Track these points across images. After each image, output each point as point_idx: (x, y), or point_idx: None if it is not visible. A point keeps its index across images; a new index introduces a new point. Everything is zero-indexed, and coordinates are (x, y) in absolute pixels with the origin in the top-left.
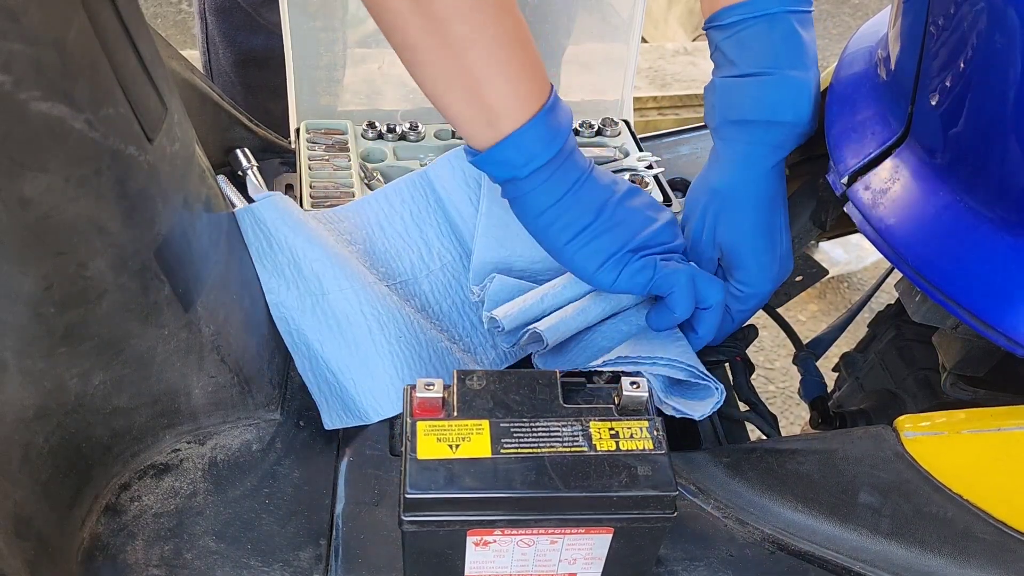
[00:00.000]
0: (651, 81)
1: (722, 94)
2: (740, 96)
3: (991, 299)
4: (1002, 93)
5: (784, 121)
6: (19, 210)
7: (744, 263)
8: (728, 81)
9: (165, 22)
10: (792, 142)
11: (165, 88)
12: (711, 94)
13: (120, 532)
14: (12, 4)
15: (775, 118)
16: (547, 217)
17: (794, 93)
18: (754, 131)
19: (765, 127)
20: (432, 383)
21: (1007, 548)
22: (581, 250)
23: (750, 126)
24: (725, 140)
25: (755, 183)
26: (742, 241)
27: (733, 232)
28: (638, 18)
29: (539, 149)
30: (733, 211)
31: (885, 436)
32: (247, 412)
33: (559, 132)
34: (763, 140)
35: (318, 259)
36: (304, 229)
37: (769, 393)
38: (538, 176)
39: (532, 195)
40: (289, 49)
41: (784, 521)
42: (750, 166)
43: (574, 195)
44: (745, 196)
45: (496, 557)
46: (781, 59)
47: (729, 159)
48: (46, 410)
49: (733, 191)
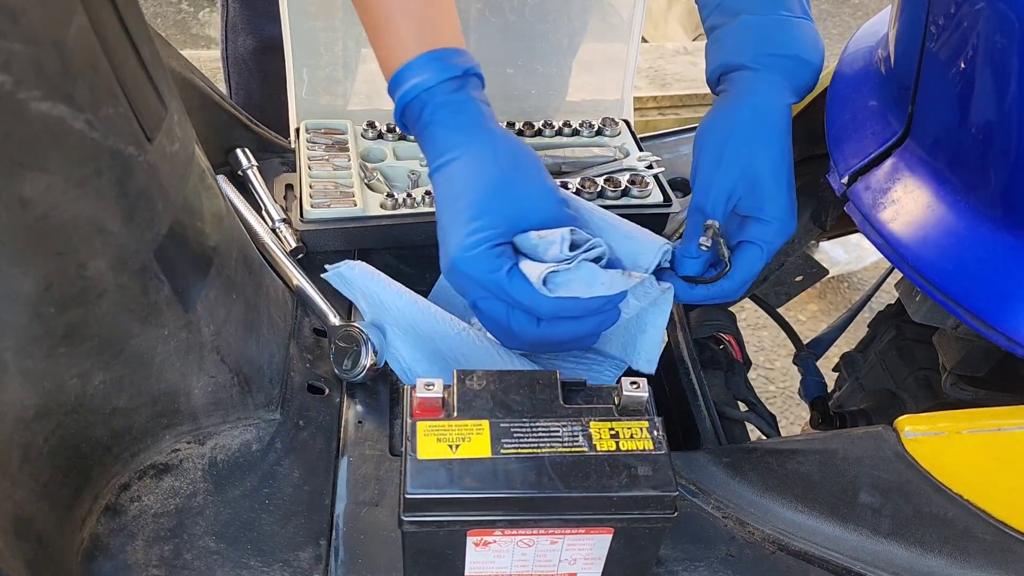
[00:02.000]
0: (651, 81)
1: (756, 29)
2: (778, 31)
3: (991, 299)
4: (1002, 93)
5: (812, 62)
6: (19, 210)
7: (770, 192)
8: (761, 19)
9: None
10: (806, 89)
11: (165, 88)
12: (741, 31)
13: (120, 532)
14: (12, 4)
15: (808, 57)
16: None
17: (819, 40)
18: (787, 66)
19: (798, 64)
20: (432, 383)
21: (1007, 548)
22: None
23: (784, 61)
24: (757, 76)
25: (781, 114)
26: (770, 169)
27: (761, 159)
28: (638, 18)
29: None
30: (769, 139)
31: (885, 436)
32: (247, 412)
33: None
34: (793, 76)
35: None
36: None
37: (769, 393)
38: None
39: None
40: (289, 49)
41: (784, 521)
42: (781, 97)
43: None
44: (778, 125)
45: (496, 557)
46: (804, 8)
47: (762, 91)
48: (46, 410)
49: (767, 120)
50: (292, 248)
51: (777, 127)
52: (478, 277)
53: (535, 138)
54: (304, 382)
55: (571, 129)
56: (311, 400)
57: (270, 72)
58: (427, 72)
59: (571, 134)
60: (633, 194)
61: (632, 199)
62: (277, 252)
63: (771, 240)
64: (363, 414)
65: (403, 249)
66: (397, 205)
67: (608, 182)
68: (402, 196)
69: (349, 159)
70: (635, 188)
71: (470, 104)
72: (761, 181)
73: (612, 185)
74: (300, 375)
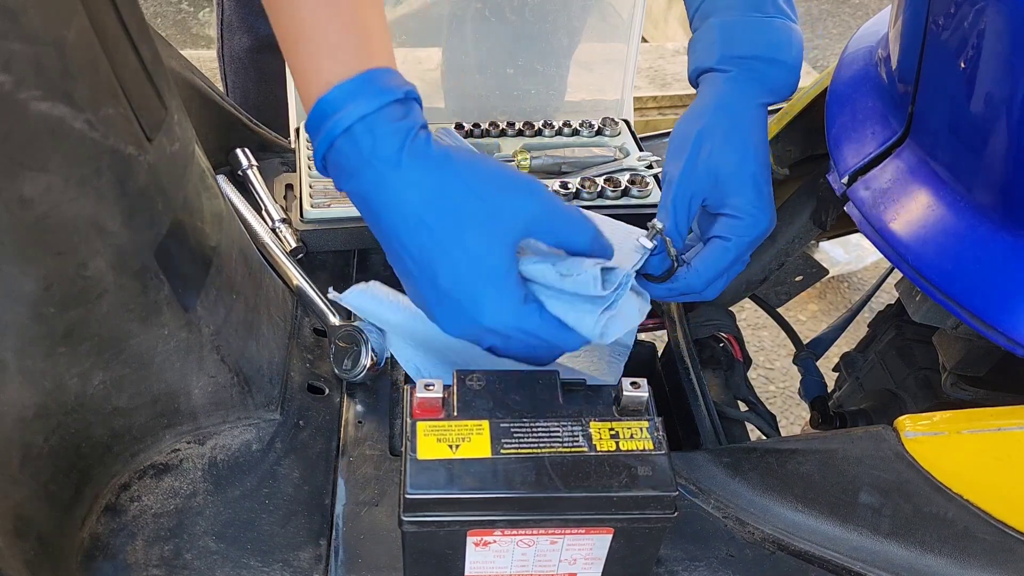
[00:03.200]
0: (651, 81)
1: (724, 31)
2: (746, 33)
3: (991, 299)
4: (1002, 93)
5: (784, 61)
6: (19, 210)
7: (734, 187)
8: (731, 20)
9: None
10: (783, 88)
11: (165, 88)
12: (710, 33)
13: (120, 532)
14: (12, 4)
15: (777, 56)
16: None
17: (794, 38)
18: (755, 66)
19: (767, 64)
20: (432, 383)
21: (1007, 548)
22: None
23: (752, 62)
24: (725, 76)
25: (752, 113)
26: (734, 165)
27: (724, 156)
28: (638, 18)
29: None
30: (732, 136)
31: (885, 436)
32: (247, 412)
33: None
34: (763, 76)
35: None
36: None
37: (769, 393)
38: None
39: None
40: None
41: (784, 521)
42: (748, 97)
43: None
44: (743, 123)
45: (496, 557)
46: (779, 7)
47: (728, 91)
48: (46, 410)
49: (732, 118)
50: (292, 248)
51: (741, 125)
52: (518, 326)
53: (535, 138)
54: (304, 382)
55: (571, 129)
56: (311, 400)
57: (267, 70)
58: (361, 97)
59: (571, 134)
60: (633, 194)
61: (632, 199)
62: (277, 252)
63: (740, 234)
64: (363, 414)
65: None
66: None
67: (608, 182)
68: None
69: None
70: (635, 188)
71: (422, 135)
72: (724, 177)
73: (612, 185)
74: (300, 375)
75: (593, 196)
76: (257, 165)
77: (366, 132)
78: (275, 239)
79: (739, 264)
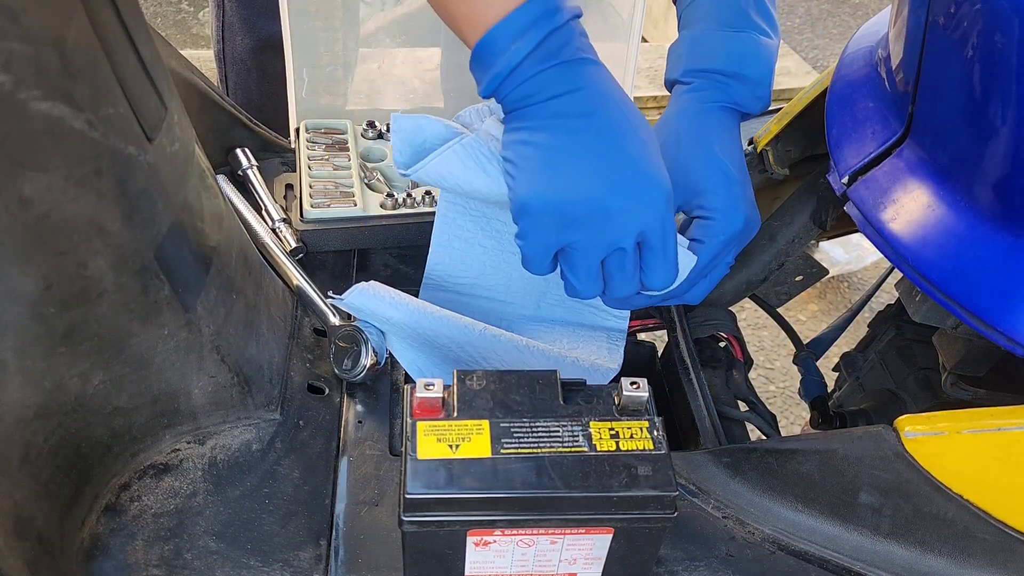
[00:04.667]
0: (651, 81)
1: (692, 45)
2: (710, 47)
3: (991, 299)
4: (1002, 93)
5: (748, 76)
6: (19, 210)
7: (712, 188)
8: (699, 34)
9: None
10: (748, 102)
11: (165, 88)
12: (679, 47)
13: (120, 532)
14: (12, 4)
15: (741, 71)
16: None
17: (762, 52)
18: (718, 80)
19: (730, 78)
20: (432, 383)
21: (1007, 548)
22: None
23: (715, 76)
24: (688, 88)
25: (716, 117)
26: (709, 165)
27: (698, 157)
28: (638, 18)
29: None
30: (696, 138)
31: (885, 436)
32: (247, 412)
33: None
34: (726, 89)
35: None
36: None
37: (769, 393)
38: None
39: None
40: (289, 49)
41: (784, 521)
42: (703, 105)
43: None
44: (706, 127)
45: (496, 557)
46: (750, 22)
47: (689, 100)
48: (46, 410)
49: (694, 124)
50: (292, 248)
51: (705, 129)
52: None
53: None
54: (304, 382)
55: None
56: (311, 400)
57: (268, 71)
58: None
59: None
60: None
61: None
62: (277, 252)
63: (713, 234)
64: (363, 414)
65: (403, 249)
66: (397, 205)
67: None
68: (402, 196)
69: (349, 159)
70: None
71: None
72: (693, 179)
73: None
74: (300, 375)
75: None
76: (257, 165)
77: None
78: (275, 239)
79: (721, 266)
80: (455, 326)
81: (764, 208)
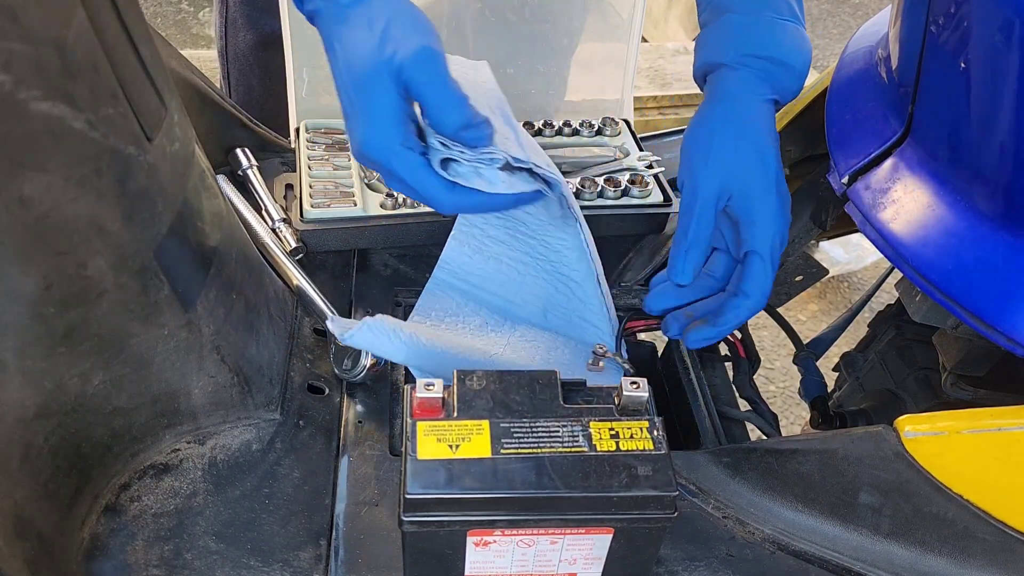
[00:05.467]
0: (651, 81)
1: (739, 28)
2: (759, 31)
3: (991, 299)
4: (1002, 93)
5: (793, 65)
6: (19, 210)
7: (766, 193)
8: (746, 18)
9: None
10: (788, 92)
11: (165, 88)
12: (724, 28)
13: (120, 532)
14: (12, 4)
15: (788, 59)
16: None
17: (805, 44)
18: (766, 67)
19: (778, 65)
20: (432, 383)
21: (1007, 548)
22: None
23: (763, 62)
24: (734, 72)
25: (766, 111)
26: (764, 167)
27: (753, 158)
28: (638, 18)
29: None
30: (750, 137)
31: (885, 436)
32: (247, 412)
33: None
34: (772, 77)
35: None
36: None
37: (769, 393)
38: None
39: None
40: (289, 49)
41: (784, 521)
42: (759, 96)
43: None
44: (758, 123)
45: (496, 557)
46: (792, 11)
47: (740, 90)
48: (46, 410)
49: (747, 119)
50: (292, 248)
51: (756, 125)
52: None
53: (535, 138)
54: (304, 382)
55: (571, 129)
56: (311, 400)
57: (270, 67)
58: None
59: (571, 134)
60: (633, 194)
61: (632, 199)
62: (277, 252)
63: (769, 243)
64: (363, 414)
65: (403, 249)
66: (397, 205)
67: (608, 182)
68: (402, 196)
69: (349, 159)
70: (635, 188)
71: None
72: (748, 181)
73: (612, 185)
74: (300, 375)
75: (593, 196)
76: (257, 165)
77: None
78: (275, 239)
79: (774, 271)
80: (462, 360)
81: None
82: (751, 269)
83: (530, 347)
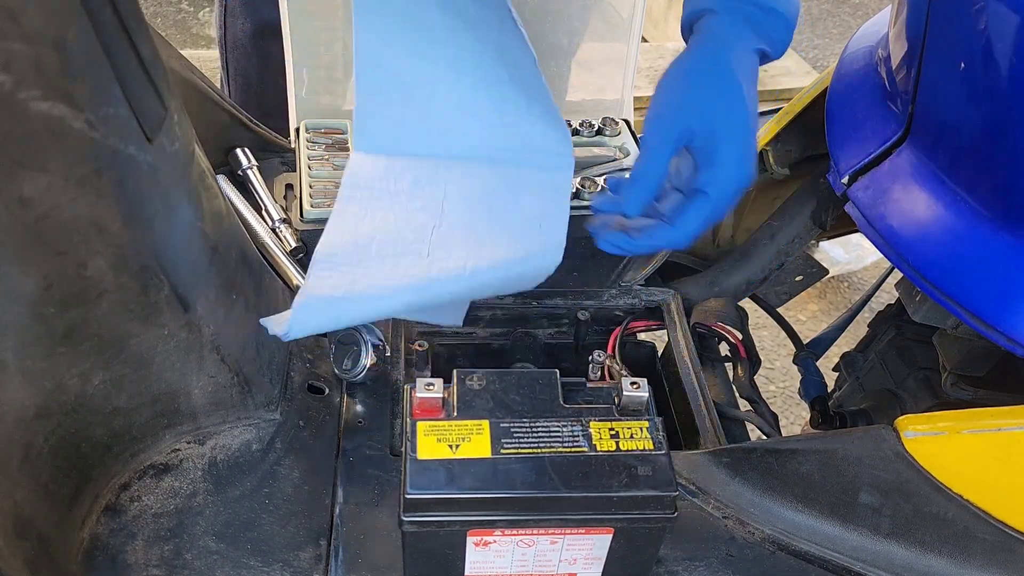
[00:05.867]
0: (651, 81)
1: None
2: None
3: (991, 299)
4: (1002, 93)
5: (781, 13)
6: (19, 210)
7: (732, 135)
8: None
9: (165, 22)
10: (777, 41)
11: (165, 88)
12: None
13: (120, 532)
14: (12, 4)
15: (775, 6)
16: None
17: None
18: (752, 13)
19: (764, 12)
20: (432, 383)
21: (1007, 548)
22: None
23: (748, 7)
24: (718, 17)
25: (747, 58)
26: (734, 109)
27: (726, 98)
28: (638, 18)
29: None
30: (726, 78)
31: (885, 436)
32: (247, 412)
33: None
34: (758, 23)
35: None
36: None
37: (769, 393)
38: None
39: None
40: (289, 49)
41: (784, 521)
42: (743, 39)
43: None
44: (737, 66)
45: (496, 557)
46: None
47: (723, 32)
48: (46, 410)
49: (725, 60)
50: (292, 248)
51: (736, 67)
52: None
53: None
54: (304, 382)
55: (571, 129)
56: (311, 400)
57: (269, 57)
58: None
59: (571, 134)
60: None
61: None
62: (277, 252)
63: (723, 188)
64: (363, 414)
65: None
66: None
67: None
68: None
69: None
70: None
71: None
72: (716, 121)
73: None
74: (300, 375)
75: (593, 196)
76: (257, 165)
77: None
78: (275, 239)
79: (717, 218)
80: (401, 301)
81: (764, 208)
82: (689, 204)
83: (470, 205)
